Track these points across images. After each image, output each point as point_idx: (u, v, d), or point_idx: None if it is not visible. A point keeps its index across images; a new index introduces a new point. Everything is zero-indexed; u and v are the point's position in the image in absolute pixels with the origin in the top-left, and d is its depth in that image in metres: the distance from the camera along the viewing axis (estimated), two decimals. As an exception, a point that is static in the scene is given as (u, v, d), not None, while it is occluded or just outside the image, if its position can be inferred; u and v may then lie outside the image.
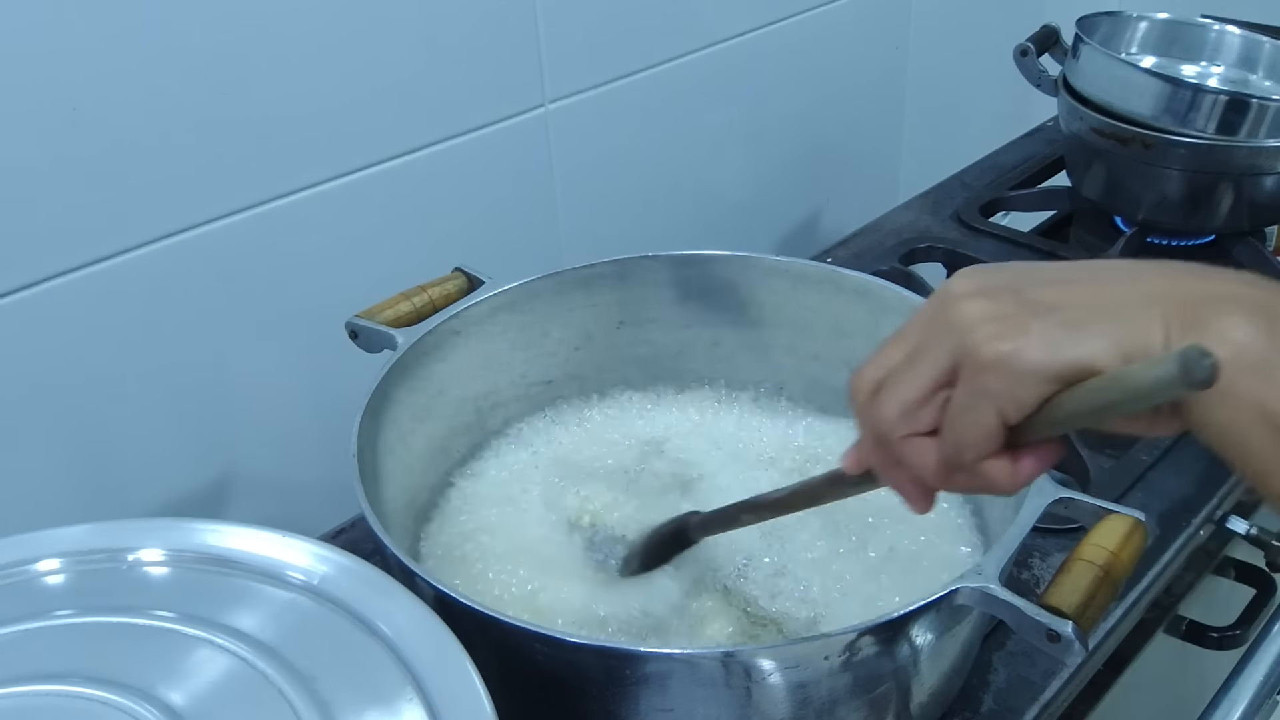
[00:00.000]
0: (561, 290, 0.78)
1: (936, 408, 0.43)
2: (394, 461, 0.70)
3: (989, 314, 0.41)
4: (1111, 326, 0.39)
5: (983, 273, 0.43)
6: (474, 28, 0.85)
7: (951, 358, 0.42)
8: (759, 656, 0.54)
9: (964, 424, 0.41)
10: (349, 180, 0.81)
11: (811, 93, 1.18)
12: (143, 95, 0.69)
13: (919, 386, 0.43)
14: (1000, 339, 0.40)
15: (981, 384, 0.40)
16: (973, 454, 0.42)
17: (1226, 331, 0.37)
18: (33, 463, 0.72)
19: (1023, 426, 0.41)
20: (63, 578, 0.52)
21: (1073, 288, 0.41)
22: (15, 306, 0.68)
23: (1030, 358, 0.39)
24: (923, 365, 0.43)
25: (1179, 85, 1.00)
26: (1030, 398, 0.40)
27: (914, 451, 0.44)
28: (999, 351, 0.40)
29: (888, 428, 0.44)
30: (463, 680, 0.47)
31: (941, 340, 0.42)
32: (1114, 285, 0.41)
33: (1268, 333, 0.37)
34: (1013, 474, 0.42)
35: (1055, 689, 0.68)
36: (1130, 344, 0.38)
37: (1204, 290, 0.39)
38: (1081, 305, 0.40)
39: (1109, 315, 0.39)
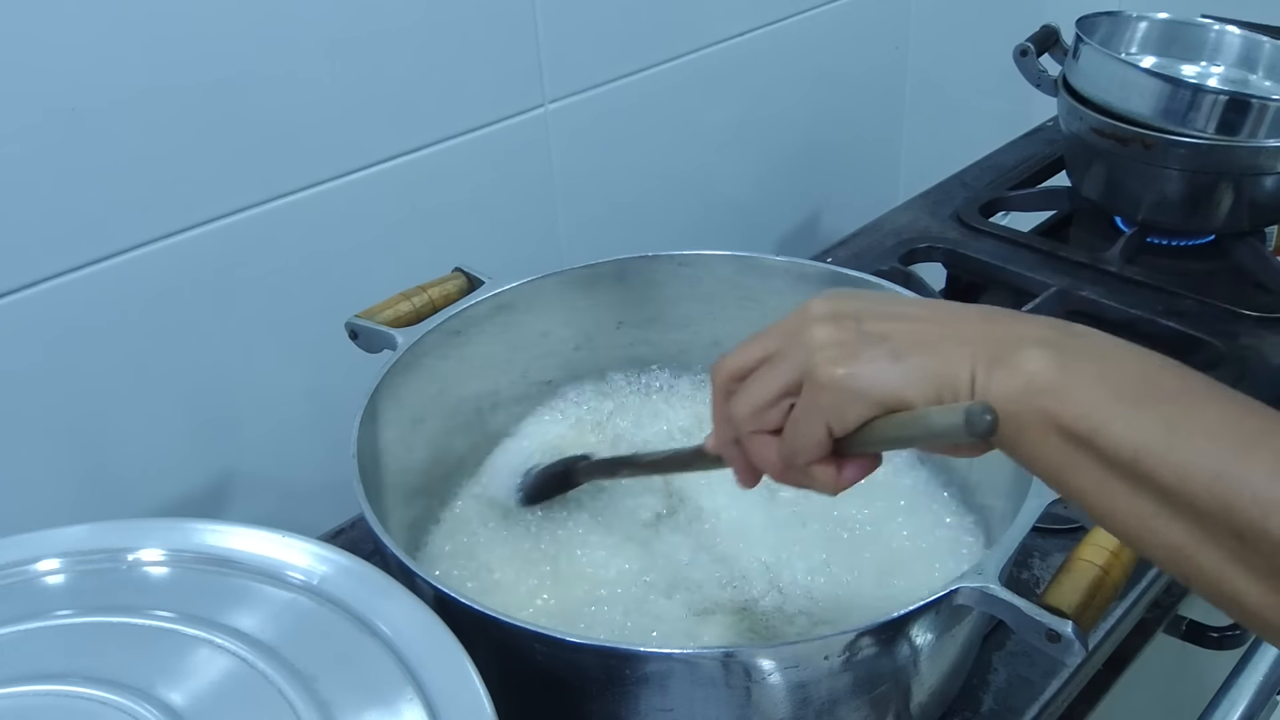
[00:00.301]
0: (561, 290, 0.78)
1: (782, 412, 0.49)
2: (394, 462, 0.70)
3: (832, 339, 0.47)
4: (928, 361, 0.45)
5: (837, 298, 0.49)
6: (474, 28, 0.85)
7: (798, 372, 0.48)
8: (759, 656, 0.54)
9: (799, 432, 0.48)
10: (349, 180, 0.81)
11: (811, 92, 1.18)
12: (143, 95, 0.69)
13: (770, 391, 0.49)
14: (837, 363, 0.46)
15: (817, 400, 0.47)
16: (804, 458, 0.49)
17: (1023, 364, 0.44)
18: (33, 463, 0.72)
19: (846, 441, 0.48)
20: (63, 578, 0.52)
21: (904, 323, 0.48)
22: (15, 306, 0.68)
23: (858, 384, 0.46)
24: (774, 374, 0.49)
25: (1179, 85, 1.00)
26: (853, 417, 0.46)
27: (758, 447, 0.51)
28: (834, 374, 0.46)
29: (740, 421, 0.51)
30: (463, 680, 0.47)
31: (793, 354, 0.48)
32: (938, 324, 0.47)
33: (1058, 365, 0.43)
34: (835, 479, 0.49)
35: (1055, 689, 0.68)
36: (941, 378, 0.45)
37: (1010, 332, 0.46)
38: (907, 339, 0.47)
39: (928, 350, 0.46)
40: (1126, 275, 1.03)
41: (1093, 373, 0.43)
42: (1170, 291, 1.01)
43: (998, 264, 1.06)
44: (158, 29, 0.68)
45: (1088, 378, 0.43)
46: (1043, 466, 0.44)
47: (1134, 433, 0.41)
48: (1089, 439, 0.42)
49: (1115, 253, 1.05)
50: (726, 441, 0.53)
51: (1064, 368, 0.43)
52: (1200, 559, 0.40)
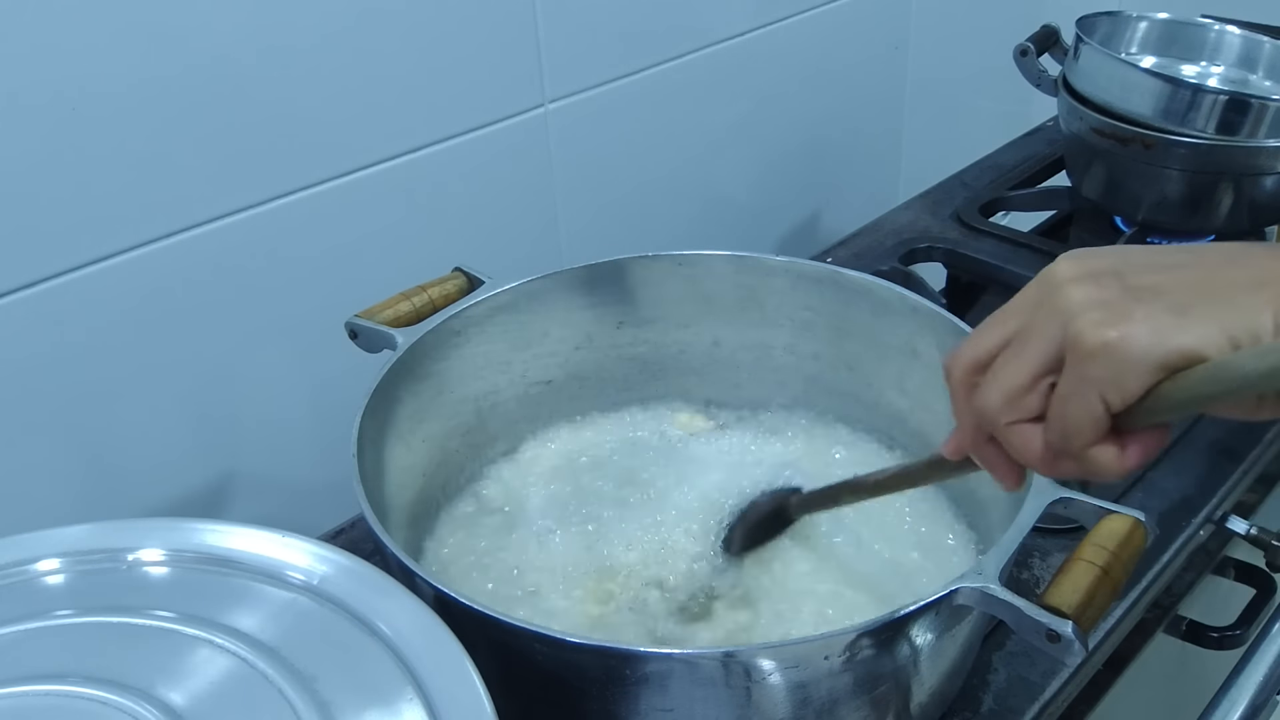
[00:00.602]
0: (561, 290, 0.78)
1: (1042, 394, 0.43)
2: (394, 462, 0.70)
3: (1094, 300, 0.41)
4: (1218, 311, 0.39)
5: (1086, 257, 0.43)
6: (474, 28, 0.85)
7: (1057, 344, 0.42)
8: (759, 656, 0.54)
9: (1070, 412, 0.42)
10: (349, 180, 0.81)
11: (811, 93, 1.18)
12: (143, 95, 0.69)
13: (1025, 372, 0.43)
14: (1106, 325, 0.40)
15: (1088, 371, 0.40)
16: (1079, 442, 0.42)
17: None
18: (33, 463, 0.72)
19: (1129, 413, 0.41)
20: (63, 578, 0.52)
21: (1177, 272, 0.41)
22: (15, 306, 0.68)
23: (1136, 345, 0.39)
24: (1028, 351, 0.43)
25: (1179, 85, 1.00)
26: (1137, 386, 0.40)
27: (1020, 438, 0.44)
28: (1105, 338, 0.40)
29: (993, 414, 0.44)
30: (463, 680, 0.47)
31: (1046, 326, 0.42)
32: (1219, 269, 0.41)
33: None
34: (1120, 459, 0.42)
35: (1055, 689, 0.68)
36: (1239, 329, 0.39)
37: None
38: (1186, 290, 0.40)
39: (1215, 300, 0.40)
40: (1126, 275, 1.03)
41: None
42: (1170, 291, 1.01)
43: (998, 264, 1.06)
44: (158, 29, 0.68)
45: None
46: None
47: None
48: None
49: (1115, 253, 1.05)
50: (979, 441, 0.47)
51: None
52: None
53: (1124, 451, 0.42)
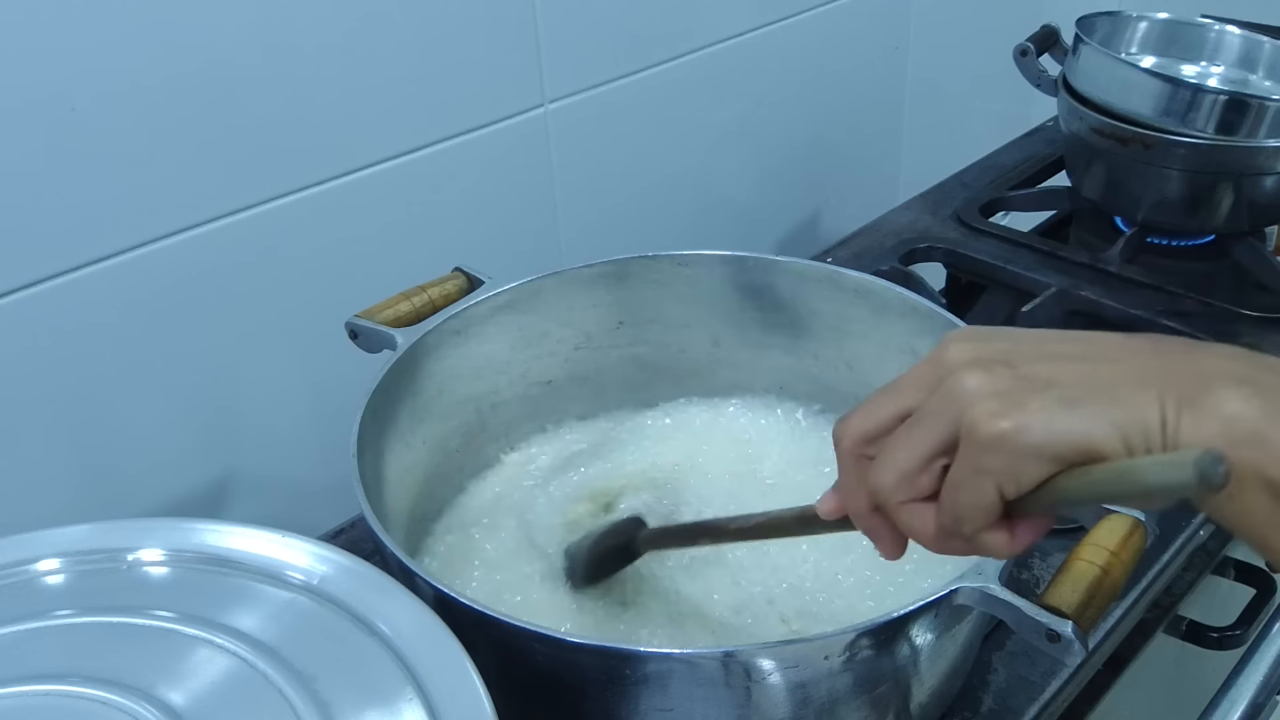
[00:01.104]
0: (561, 290, 0.78)
1: (935, 476, 0.43)
2: (394, 461, 0.70)
3: (988, 389, 0.41)
4: (1109, 407, 0.40)
5: (979, 340, 0.44)
6: (474, 28, 0.85)
7: (951, 429, 0.42)
8: (759, 656, 0.54)
9: (964, 499, 0.42)
10: (349, 180, 0.81)
11: (811, 93, 1.18)
12: (143, 95, 0.69)
13: (918, 455, 0.43)
14: (1000, 416, 0.40)
15: (982, 461, 0.41)
16: (971, 527, 0.43)
17: (1219, 406, 0.38)
18: (33, 463, 0.72)
19: (1022, 501, 0.42)
20: (63, 578, 0.52)
21: (1066, 364, 0.42)
22: (15, 306, 0.68)
23: (1031, 437, 0.40)
24: (921, 433, 0.43)
25: (1179, 85, 1.00)
26: (1030, 476, 0.40)
27: (911, 517, 0.45)
28: (1000, 429, 0.40)
29: (887, 492, 0.45)
30: (463, 680, 0.47)
31: (942, 410, 0.43)
32: (1108, 363, 0.42)
33: (1259, 406, 0.38)
34: (1010, 543, 0.43)
35: (1055, 689, 0.68)
36: (1130, 427, 0.39)
37: (1196, 368, 0.40)
38: (1076, 383, 0.41)
39: (1105, 394, 0.40)
40: (1126, 275, 1.03)
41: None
42: (1170, 291, 1.01)
43: (998, 264, 1.06)
44: (157, 30, 0.68)
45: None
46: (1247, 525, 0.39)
47: None
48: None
49: (1115, 253, 1.05)
50: (864, 512, 0.47)
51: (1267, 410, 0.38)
52: None
53: (1014, 536, 0.43)
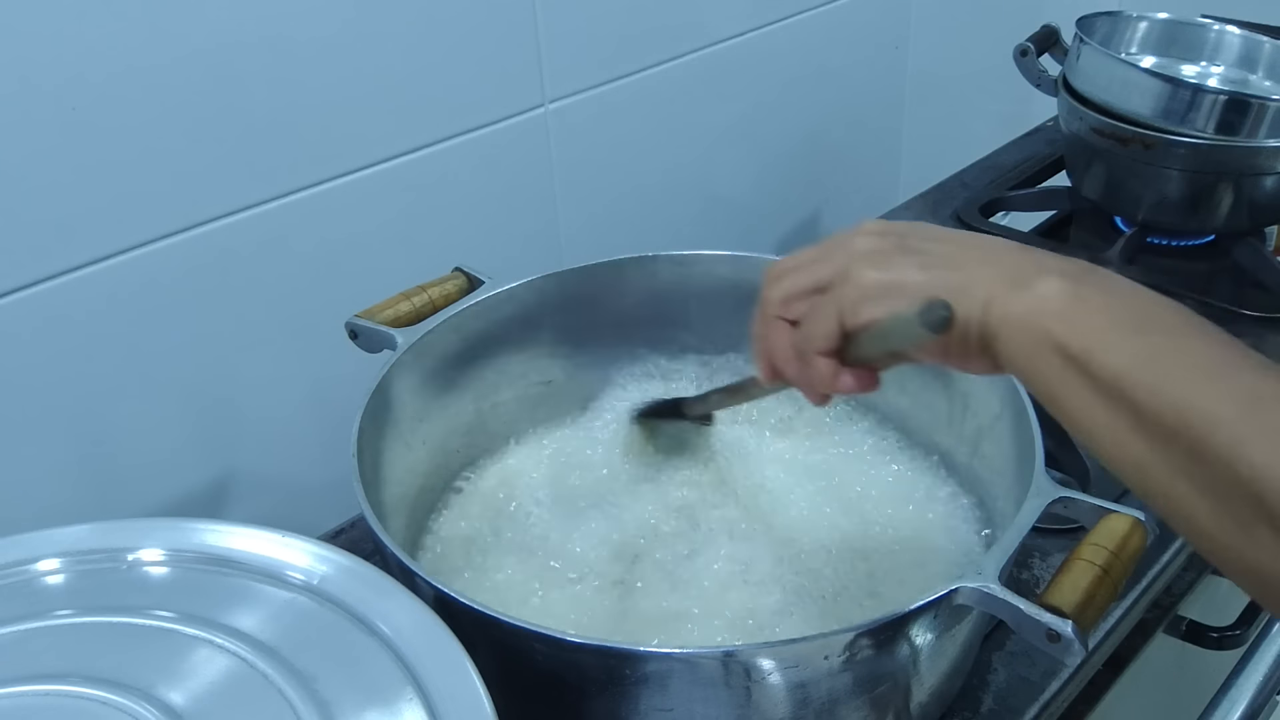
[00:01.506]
0: (561, 290, 0.78)
1: (808, 304, 0.53)
2: (394, 461, 0.70)
3: (872, 247, 0.51)
4: (951, 275, 0.49)
5: (886, 224, 0.53)
6: (474, 28, 0.85)
7: (834, 272, 0.52)
8: (759, 656, 0.54)
9: (815, 319, 0.52)
10: (349, 180, 0.81)
11: (811, 92, 1.18)
12: (143, 95, 0.69)
13: (802, 284, 0.53)
14: (870, 267, 0.50)
15: (839, 293, 0.51)
16: (813, 345, 0.52)
17: (1039, 288, 0.47)
18: (33, 462, 0.72)
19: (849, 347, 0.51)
20: (63, 578, 0.52)
21: (943, 244, 0.51)
22: (15, 306, 0.68)
23: (879, 285, 0.50)
24: (812, 270, 0.53)
25: (1179, 85, 1.00)
26: (865, 314, 0.50)
27: (776, 332, 0.54)
28: (864, 275, 0.50)
29: (770, 305, 0.55)
30: (463, 680, 0.47)
31: (834, 257, 0.52)
32: (975, 250, 0.50)
33: (1070, 293, 0.46)
34: (833, 376, 0.52)
35: (1055, 689, 0.68)
36: (955, 290, 0.48)
37: (1037, 263, 0.49)
38: (940, 256, 0.50)
39: (954, 267, 0.49)
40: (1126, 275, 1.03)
41: (1099, 304, 0.46)
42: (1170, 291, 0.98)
43: (998, 264, 1.06)
44: (157, 30, 0.68)
45: (1093, 308, 0.46)
46: (1040, 383, 0.47)
47: (1122, 357, 0.44)
48: (1082, 358, 0.45)
49: (1115, 253, 1.05)
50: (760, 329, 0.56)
51: (1075, 296, 0.46)
52: (1159, 474, 0.43)
53: (839, 373, 0.52)
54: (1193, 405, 0.42)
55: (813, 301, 0.52)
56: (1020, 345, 0.46)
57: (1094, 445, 0.46)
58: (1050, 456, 0.75)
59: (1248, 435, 0.40)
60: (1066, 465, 0.83)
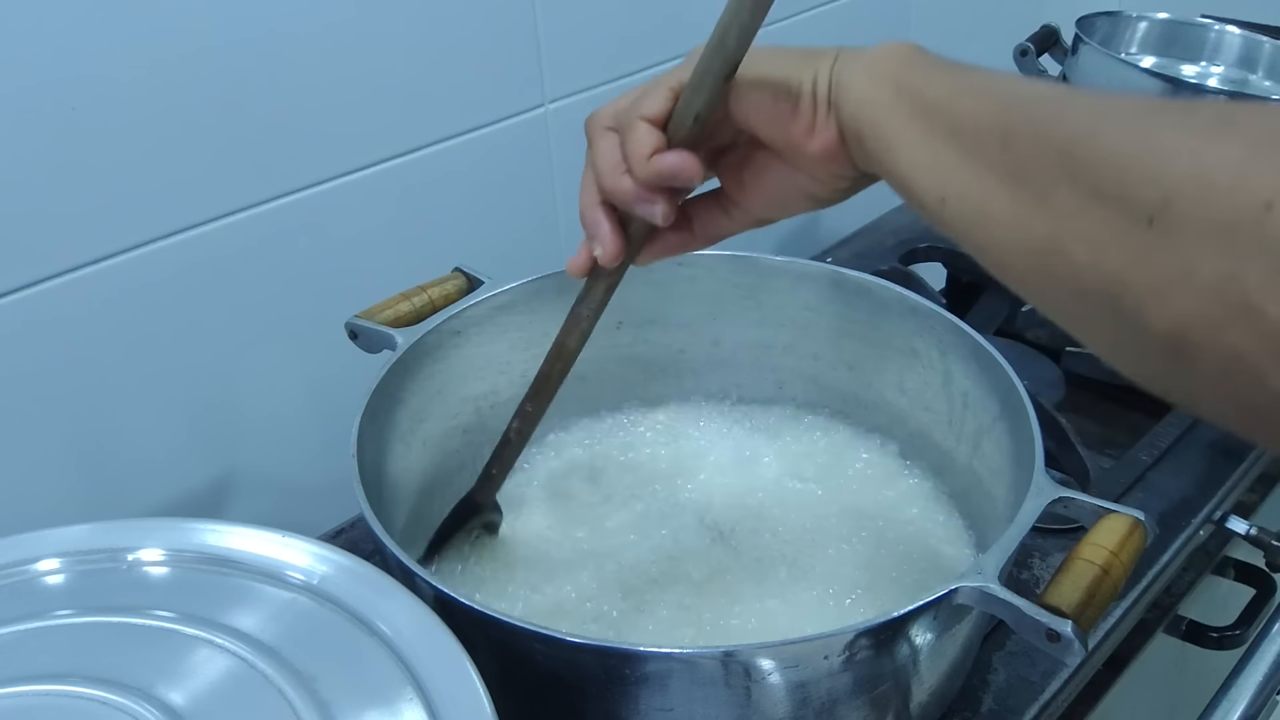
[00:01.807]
0: (561, 290, 0.78)
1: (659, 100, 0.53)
2: (394, 461, 0.70)
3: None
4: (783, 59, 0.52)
5: None
6: (474, 28, 0.85)
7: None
8: (759, 656, 0.54)
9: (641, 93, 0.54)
10: (349, 180, 0.81)
11: (811, 93, 1.18)
12: (142, 95, 0.69)
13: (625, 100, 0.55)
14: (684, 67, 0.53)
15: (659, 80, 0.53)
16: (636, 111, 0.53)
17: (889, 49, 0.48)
18: (33, 463, 0.72)
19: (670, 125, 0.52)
20: (63, 578, 0.52)
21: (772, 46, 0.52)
22: (15, 306, 0.68)
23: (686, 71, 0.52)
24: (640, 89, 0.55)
25: (1179, 85, 1.00)
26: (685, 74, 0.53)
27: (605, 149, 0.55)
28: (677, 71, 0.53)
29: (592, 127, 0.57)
30: (463, 680, 0.47)
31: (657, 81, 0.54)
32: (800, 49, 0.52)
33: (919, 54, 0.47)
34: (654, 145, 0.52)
35: (1055, 689, 0.68)
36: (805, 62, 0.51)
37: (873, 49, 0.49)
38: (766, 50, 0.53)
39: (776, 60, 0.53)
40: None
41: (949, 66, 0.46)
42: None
43: (998, 264, 1.06)
44: (157, 30, 0.68)
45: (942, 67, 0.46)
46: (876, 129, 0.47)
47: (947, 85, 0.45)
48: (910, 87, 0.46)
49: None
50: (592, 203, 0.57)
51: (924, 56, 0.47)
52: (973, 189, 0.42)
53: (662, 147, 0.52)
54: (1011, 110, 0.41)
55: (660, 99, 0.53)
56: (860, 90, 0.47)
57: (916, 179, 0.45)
58: (1050, 456, 0.76)
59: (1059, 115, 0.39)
60: (1066, 465, 0.83)
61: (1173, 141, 0.34)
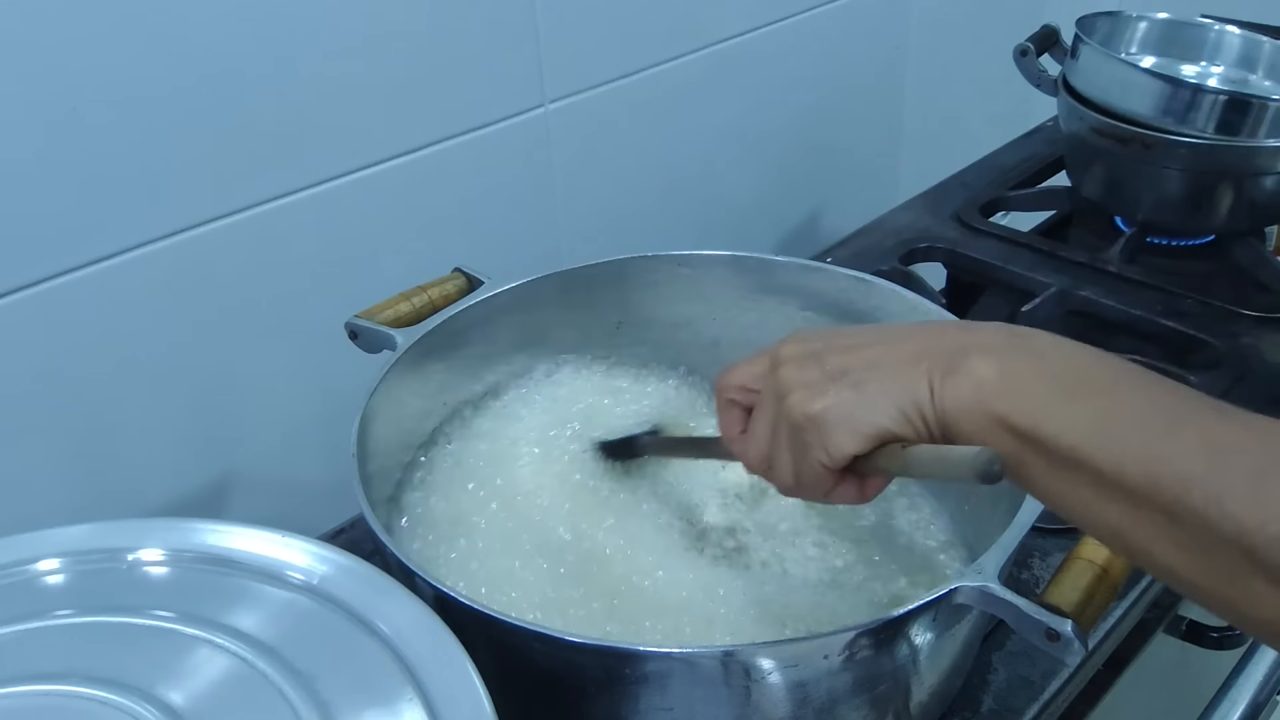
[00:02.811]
0: (561, 290, 0.78)
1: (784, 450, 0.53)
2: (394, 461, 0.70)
3: (798, 380, 0.52)
4: (887, 384, 0.49)
5: (801, 340, 0.54)
6: (473, 28, 0.85)
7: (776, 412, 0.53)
8: (759, 656, 0.54)
9: (801, 471, 0.52)
10: (349, 180, 0.81)
11: (811, 93, 1.18)
12: (143, 95, 0.69)
13: (762, 438, 0.54)
14: (806, 403, 0.51)
15: (801, 438, 0.51)
16: (819, 490, 0.53)
17: (971, 372, 0.48)
18: (33, 462, 0.72)
19: (860, 464, 0.51)
20: (63, 578, 0.52)
21: (859, 353, 0.51)
22: (15, 306, 0.68)
23: (830, 418, 0.50)
24: (760, 421, 0.54)
25: (1179, 85, 1.00)
26: (843, 450, 0.50)
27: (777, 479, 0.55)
28: (806, 413, 0.51)
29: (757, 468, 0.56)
30: (463, 680, 0.47)
31: (768, 399, 0.54)
32: (890, 346, 0.51)
33: (999, 369, 0.47)
34: (859, 496, 0.53)
35: (1055, 689, 0.68)
36: (904, 400, 0.49)
37: (957, 343, 0.49)
38: (864, 368, 0.50)
39: (885, 375, 0.50)
40: (1126, 275, 1.03)
41: (1031, 373, 0.47)
42: (1170, 291, 1.01)
43: (998, 264, 1.06)
44: (157, 30, 0.68)
45: (1028, 378, 0.47)
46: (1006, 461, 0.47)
47: (1069, 425, 0.45)
48: (1032, 434, 0.45)
49: (1115, 253, 1.05)
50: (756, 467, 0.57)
51: (1005, 371, 0.47)
52: (1137, 536, 0.43)
53: (864, 489, 0.53)
54: (1158, 465, 0.42)
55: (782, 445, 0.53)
56: (975, 430, 0.47)
57: (1067, 515, 0.46)
58: (1050, 456, 0.76)
59: (1223, 489, 0.40)
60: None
61: None
